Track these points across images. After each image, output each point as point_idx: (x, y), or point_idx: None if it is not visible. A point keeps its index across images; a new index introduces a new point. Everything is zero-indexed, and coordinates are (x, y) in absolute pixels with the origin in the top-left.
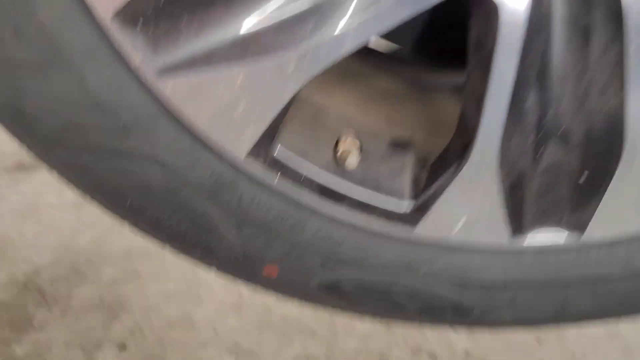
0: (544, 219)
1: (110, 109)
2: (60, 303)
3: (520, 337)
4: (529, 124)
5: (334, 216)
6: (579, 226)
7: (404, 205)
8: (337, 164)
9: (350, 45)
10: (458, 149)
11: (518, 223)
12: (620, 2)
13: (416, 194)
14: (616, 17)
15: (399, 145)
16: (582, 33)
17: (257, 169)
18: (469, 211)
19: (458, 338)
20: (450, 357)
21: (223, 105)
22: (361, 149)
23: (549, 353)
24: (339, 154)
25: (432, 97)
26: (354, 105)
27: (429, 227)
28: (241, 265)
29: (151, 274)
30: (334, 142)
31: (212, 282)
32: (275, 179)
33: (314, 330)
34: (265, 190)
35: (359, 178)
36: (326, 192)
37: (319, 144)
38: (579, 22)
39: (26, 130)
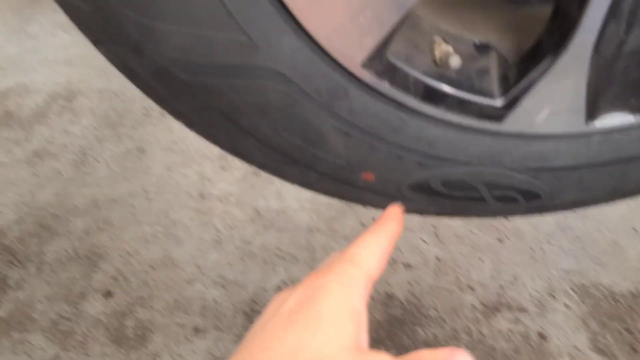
0: (615, 103)
1: (242, 23)
2: (33, 260)
3: (484, 239)
4: (623, 10)
5: (431, 115)
6: None
7: (495, 102)
8: (438, 67)
9: None
10: (553, 42)
11: (593, 109)
12: None
13: (504, 91)
14: None
15: (481, 47)
16: None
17: (368, 77)
18: (555, 102)
19: (428, 247)
20: (423, 265)
21: (348, 15)
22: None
23: (511, 250)
24: (439, 55)
25: (490, 2)
26: (434, 13)
27: (515, 120)
28: (340, 176)
29: (123, 221)
30: (430, 47)
31: (187, 222)
32: (384, 85)
33: (294, 255)
34: (375, 96)
35: (454, 79)
36: (428, 94)
37: (419, 49)
38: None
39: (148, 53)
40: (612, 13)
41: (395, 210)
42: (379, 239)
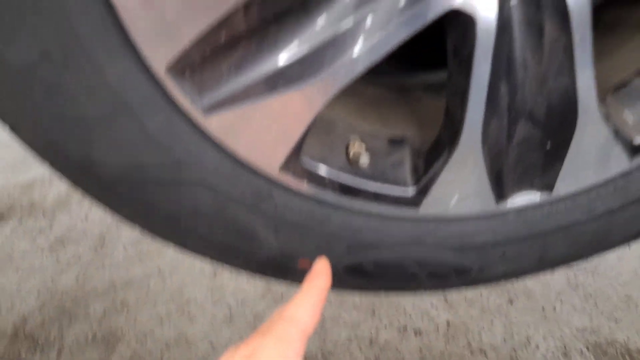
0: (520, 184)
1: (166, 146)
2: (54, 345)
3: (493, 301)
4: (502, 109)
5: (353, 208)
6: (548, 186)
7: (408, 191)
8: (351, 164)
9: (363, 66)
10: (447, 138)
11: (500, 191)
12: (566, 4)
13: (416, 180)
14: (563, 16)
15: (396, 142)
16: (536, 30)
17: (288, 179)
18: (461, 188)
19: (438, 312)
20: (434, 330)
21: (259, 131)
22: (367, 149)
23: (522, 311)
24: (351, 155)
25: (412, 96)
26: (353, 113)
27: (430, 205)
28: (278, 264)
29: (140, 302)
30: (345, 147)
31: (201, 300)
32: (303, 185)
33: None
34: (296, 195)
35: (369, 174)
36: (345, 189)
37: (333, 150)
38: (533, 22)
39: (92, 176)
40: (492, 112)
41: (322, 265)
42: (311, 297)
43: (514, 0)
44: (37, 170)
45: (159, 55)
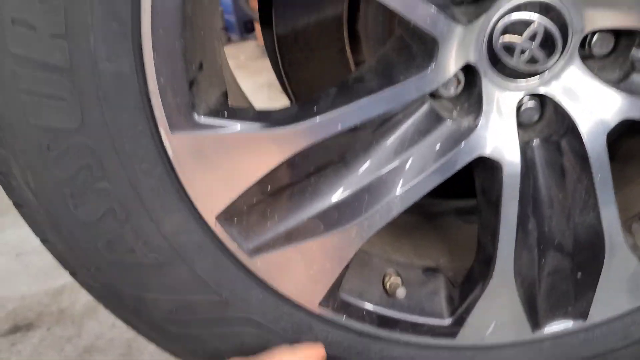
0: (554, 312)
1: (214, 286)
2: None
3: None
4: (532, 242)
5: (391, 339)
6: (582, 314)
7: (444, 322)
8: (388, 296)
9: (398, 210)
10: (480, 271)
11: (535, 319)
12: (585, 148)
13: (452, 311)
14: (582, 160)
15: (430, 271)
16: (559, 172)
17: (327, 313)
18: (497, 317)
19: None
20: None
21: (300, 270)
22: (403, 281)
23: None
24: (388, 288)
25: (444, 222)
26: (388, 245)
27: (467, 335)
28: None
29: None
30: (381, 279)
31: None
32: (342, 317)
33: None
34: (335, 327)
35: (406, 305)
36: (382, 321)
37: (370, 283)
38: (555, 165)
39: (144, 315)
40: (522, 245)
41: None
42: None
43: (536, 145)
44: (67, 276)
45: (210, 207)
